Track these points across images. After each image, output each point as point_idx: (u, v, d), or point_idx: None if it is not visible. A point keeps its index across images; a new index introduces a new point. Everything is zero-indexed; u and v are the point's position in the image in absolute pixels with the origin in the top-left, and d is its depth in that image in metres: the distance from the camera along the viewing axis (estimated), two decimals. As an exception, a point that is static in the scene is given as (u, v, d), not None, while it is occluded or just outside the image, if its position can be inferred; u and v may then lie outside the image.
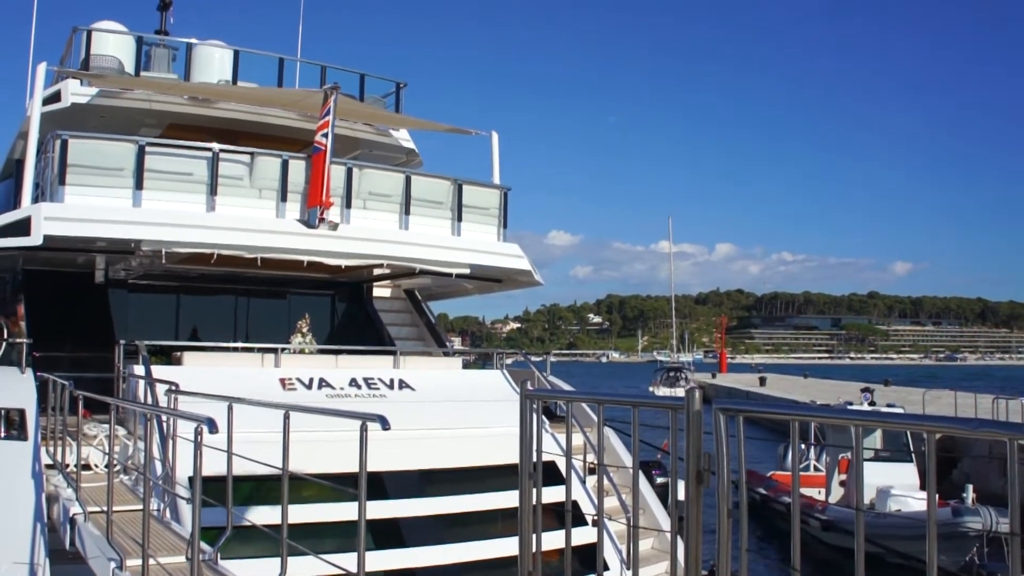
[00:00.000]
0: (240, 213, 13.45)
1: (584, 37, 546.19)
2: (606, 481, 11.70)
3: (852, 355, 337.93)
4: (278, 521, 6.72)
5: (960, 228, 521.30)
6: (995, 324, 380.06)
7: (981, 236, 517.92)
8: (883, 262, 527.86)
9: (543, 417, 11.58)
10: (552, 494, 5.51)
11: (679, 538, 4.04)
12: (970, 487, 19.56)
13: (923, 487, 19.79)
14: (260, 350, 13.17)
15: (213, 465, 7.02)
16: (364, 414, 5.65)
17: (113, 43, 15.78)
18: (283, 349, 13.28)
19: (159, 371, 11.43)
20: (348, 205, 14.32)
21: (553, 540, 4.99)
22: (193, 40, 16.89)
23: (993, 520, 17.03)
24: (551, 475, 5.58)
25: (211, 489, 7.10)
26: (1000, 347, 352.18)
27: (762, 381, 73.37)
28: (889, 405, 26.03)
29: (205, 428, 6.27)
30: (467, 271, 15.46)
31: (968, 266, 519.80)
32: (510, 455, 5.17)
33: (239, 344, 14.12)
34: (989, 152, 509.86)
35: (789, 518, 3.74)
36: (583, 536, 8.68)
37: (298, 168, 13.91)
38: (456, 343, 42.63)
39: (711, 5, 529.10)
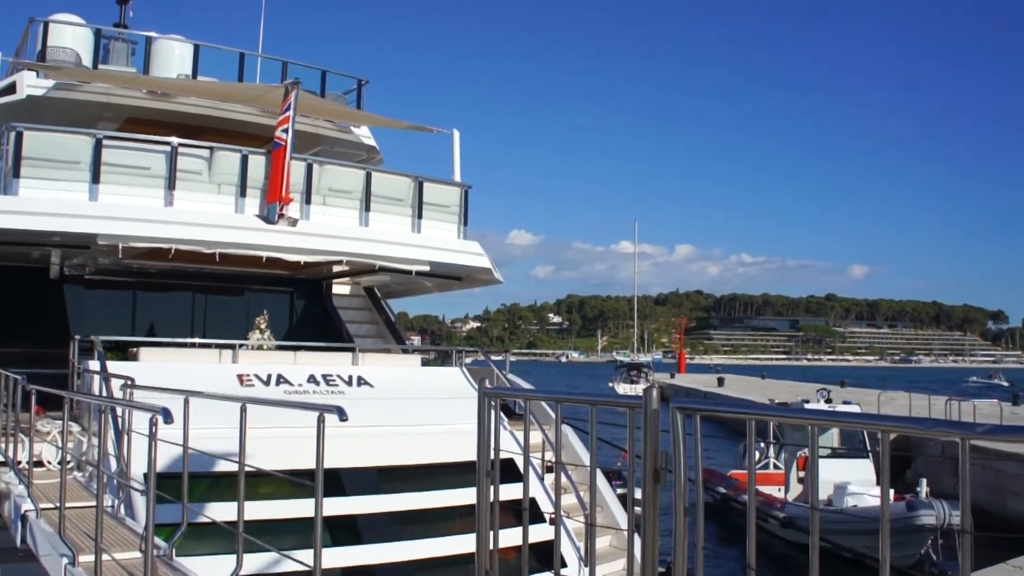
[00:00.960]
0: (199, 208, 13.36)
1: (550, 37, 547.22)
2: (564, 479, 11.74)
3: (809, 356, 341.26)
4: (234, 517, 6.68)
5: (917, 232, 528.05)
6: (949, 327, 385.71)
7: (937, 241, 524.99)
8: (841, 265, 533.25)
9: (502, 415, 11.58)
10: (510, 491, 5.52)
11: (636, 536, 4.06)
12: (924, 481, 19.88)
13: (879, 482, 20.06)
14: (218, 346, 13.07)
15: (169, 460, 6.97)
16: (321, 405, 5.64)
17: (71, 35, 15.61)
18: (241, 345, 13.19)
19: (115, 367, 11.30)
20: (308, 201, 14.26)
21: (511, 537, 5.01)
22: (153, 34, 16.74)
23: (946, 513, 17.32)
24: (509, 473, 5.60)
25: (166, 485, 7.04)
26: (954, 350, 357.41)
27: (720, 381, 73.90)
28: (845, 402, 26.31)
29: (160, 419, 6.21)
30: (427, 268, 15.45)
31: (924, 270, 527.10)
32: (468, 452, 5.18)
33: (197, 340, 13.99)
34: (947, 157, 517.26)
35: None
36: (541, 533, 8.70)
37: (258, 163, 13.84)
38: (416, 341, 42.55)
39: (676, 6, 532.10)
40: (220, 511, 7.98)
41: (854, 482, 19.91)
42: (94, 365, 11.41)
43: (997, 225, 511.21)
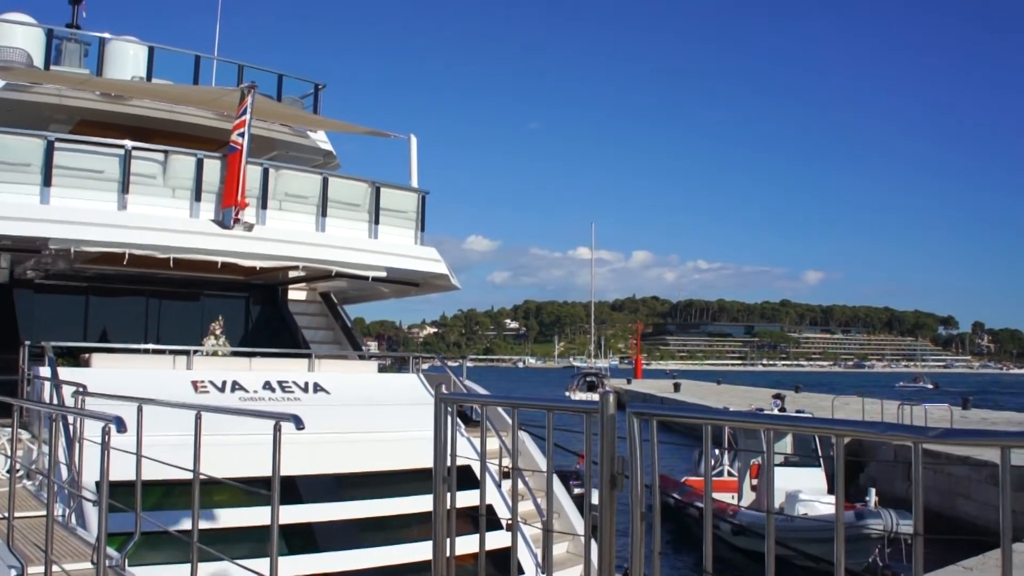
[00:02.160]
0: (153, 212, 13.21)
1: (506, 43, 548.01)
2: (522, 485, 11.75)
3: (764, 362, 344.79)
4: (189, 526, 6.60)
5: (870, 239, 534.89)
6: (901, 332, 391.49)
7: (890, 247, 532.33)
8: (796, 271, 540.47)
9: (459, 421, 11.55)
10: (467, 498, 5.51)
11: (593, 541, 4.07)
12: (872, 490, 20.18)
13: (831, 491, 20.26)
14: (172, 352, 12.93)
15: (122, 469, 6.87)
16: (277, 414, 5.59)
17: (21, 35, 15.37)
18: (196, 352, 13.06)
19: (66, 373, 11.14)
20: (264, 206, 14.16)
21: (468, 544, 5.00)
22: (106, 35, 16.55)
23: (894, 522, 17.57)
24: (467, 479, 5.57)
25: (119, 493, 6.94)
26: (906, 355, 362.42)
27: (676, 387, 74.50)
28: (799, 411, 26.60)
29: (113, 428, 6.13)
30: (384, 274, 15.39)
31: (877, 276, 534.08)
32: (425, 459, 5.16)
33: (150, 346, 13.82)
34: (900, 166, 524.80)
35: (702, 522, 3.79)
36: (498, 540, 8.69)
37: (213, 167, 13.71)
38: (373, 347, 42.41)
39: (632, 9, 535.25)
40: (174, 520, 7.89)
41: (806, 490, 20.13)
42: (45, 371, 11.23)
43: (947, 232, 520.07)
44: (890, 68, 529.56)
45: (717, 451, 24.53)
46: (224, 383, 11.96)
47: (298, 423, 5.47)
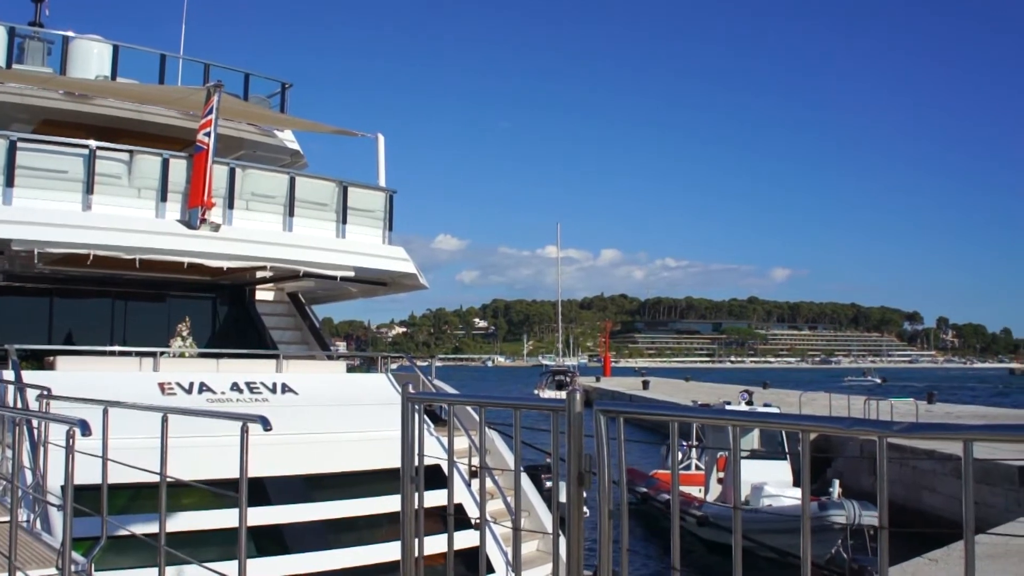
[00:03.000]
0: (118, 213, 13.07)
1: (476, 41, 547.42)
2: (490, 484, 11.76)
3: (732, 359, 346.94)
4: (156, 529, 6.55)
5: (836, 236, 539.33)
6: (867, 329, 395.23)
7: (856, 244, 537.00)
8: (763, 268, 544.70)
9: (428, 421, 11.54)
10: (436, 497, 5.51)
11: (562, 539, 4.08)
12: (836, 482, 20.40)
13: (796, 483, 20.44)
14: (138, 354, 12.81)
15: (87, 473, 6.80)
16: (244, 415, 5.57)
17: (-18, 34, 15.17)
18: (162, 353, 12.95)
19: (30, 376, 11.00)
20: (231, 206, 14.05)
21: (437, 544, 5.00)
22: (70, 33, 16.34)
23: (857, 513, 17.77)
24: (436, 478, 5.58)
25: (85, 497, 6.88)
26: (872, 350, 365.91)
27: (645, 384, 74.87)
28: (766, 405, 26.80)
29: (77, 431, 6.08)
30: (352, 274, 15.32)
31: (843, 273, 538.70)
32: (394, 459, 5.16)
33: (116, 348, 13.69)
34: (864, 163, 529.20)
35: (668, 515, 3.83)
36: (468, 539, 8.69)
37: (179, 167, 13.60)
38: (341, 347, 42.24)
39: (598, 8, 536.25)
40: (141, 523, 7.83)
41: (771, 483, 20.28)
42: (8, 375, 11.09)
43: (912, 229, 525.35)
44: (856, 64, 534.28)
45: (685, 445, 24.70)
46: (191, 384, 11.87)
47: (265, 424, 5.46)
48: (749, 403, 27.91)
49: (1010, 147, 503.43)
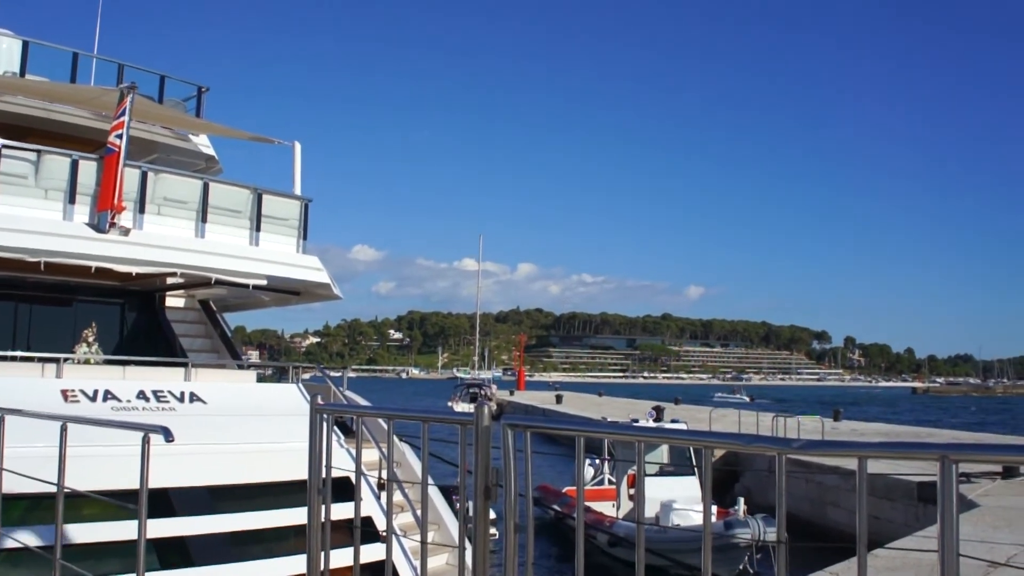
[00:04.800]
0: (23, 214, 12.72)
1: (390, 48, 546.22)
2: (400, 497, 11.70)
3: (646, 375, 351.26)
4: (52, 542, 6.39)
5: (749, 255, 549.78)
6: (777, 347, 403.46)
7: (767, 263, 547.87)
8: (678, 286, 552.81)
9: (338, 432, 11.44)
10: (344, 510, 5.47)
11: (468, 553, 4.09)
12: (741, 500, 20.75)
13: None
14: (41, 360, 12.48)
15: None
16: (146, 425, 5.47)
17: None
18: (66, 359, 12.63)
19: (-75, 380, 10.66)
20: (142, 210, 13.78)
21: (344, 557, 4.97)
22: (-24, 28, 15.92)
23: (761, 530, 18.10)
24: (344, 491, 5.54)
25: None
26: (782, 368, 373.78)
27: (559, 399, 75.30)
28: (673, 421, 27.14)
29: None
30: (264, 283, 15.13)
31: (755, 292, 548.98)
32: (302, 470, 5.12)
33: (18, 353, 13.31)
34: (776, 182, 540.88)
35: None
36: (376, 552, 8.64)
37: (89, 169, 13.30)
38: (254, 356, 41.64)
39: (521, 13, 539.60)
40: (37, 536, 7.63)
41: (681, 499, 20.51)
42: (-100, 379, 10.73)
43: (821, 249, 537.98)
44: (770, 81, 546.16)
45: (597, 460, 24.88)
46: (96, 392, 11.58)
47: (167, 435, 5.37)
48: (657, 419, 28.23)
49: (916, 166, 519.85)
